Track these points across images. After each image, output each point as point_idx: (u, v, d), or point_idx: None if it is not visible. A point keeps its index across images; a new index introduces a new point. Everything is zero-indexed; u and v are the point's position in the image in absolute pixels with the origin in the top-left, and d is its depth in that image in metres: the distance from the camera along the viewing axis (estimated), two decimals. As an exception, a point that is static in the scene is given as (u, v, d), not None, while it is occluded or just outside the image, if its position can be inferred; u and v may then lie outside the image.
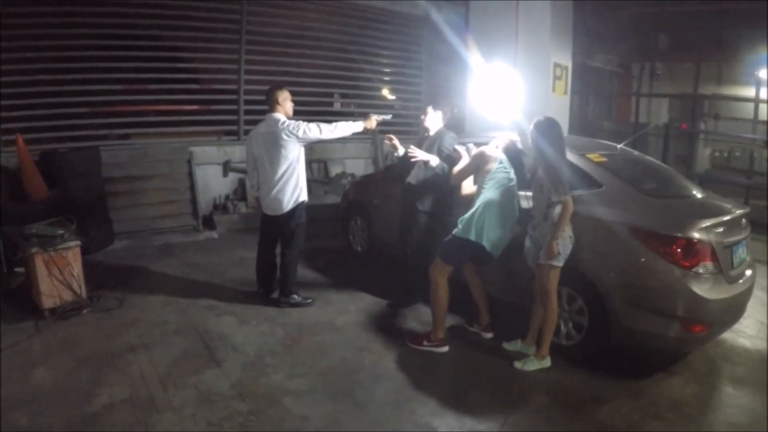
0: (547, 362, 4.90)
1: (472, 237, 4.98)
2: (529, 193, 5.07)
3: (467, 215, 5.07)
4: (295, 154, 5.88)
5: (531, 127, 4.93)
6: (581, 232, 4.85)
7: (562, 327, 5.12)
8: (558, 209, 4.69)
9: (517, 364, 4.90)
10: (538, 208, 4.86)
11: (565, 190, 4.67)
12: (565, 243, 4.71)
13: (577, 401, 4.45)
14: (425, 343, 5.25)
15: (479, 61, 8.55)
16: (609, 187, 5.05)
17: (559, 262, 4.73)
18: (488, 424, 4.12)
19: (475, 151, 5.56)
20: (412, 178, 5.97)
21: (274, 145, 5.81)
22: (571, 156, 5.19)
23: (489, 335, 5.58)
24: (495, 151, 5.29)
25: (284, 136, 5.76)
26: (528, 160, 5.27)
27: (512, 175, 5.20)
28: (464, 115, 9.79)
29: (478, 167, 5.29)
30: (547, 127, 4.87)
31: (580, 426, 4.15)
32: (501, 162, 5.19)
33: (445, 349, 5.23)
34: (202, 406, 4.19)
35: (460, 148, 5.73)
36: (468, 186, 5.56)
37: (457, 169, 5.60)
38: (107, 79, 8.78)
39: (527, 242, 5.01)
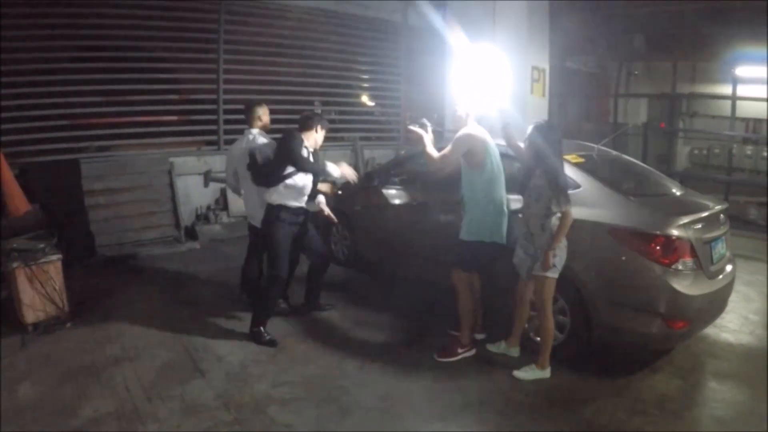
0: (547, 373, 4.79)
1: (487, 238, 5.01)
2: (514, 196, 5.06)
3: (476, 218, 5.03)
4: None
5: (530, 130, 4.71)
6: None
7: (545, 327, 5.14)
8: (555, 219, 4.59)
9: (518, 374, 4.81)
10: (534, 217, 4.70)
11: (567, 200, 4.52)
12: (561, 253, 4.62)
13: (562, 400, 4.48)
14: (460, 350, 5.17)
15: (460, 43, 8.16)
16: (587, 187, 5.07)
17: (555, 274, 4.64)
18: (474, 425, 4.14)
19: (429, 129, 5.32)
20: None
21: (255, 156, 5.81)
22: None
23: (480, 336, 5.55)
24: (479, 130, 5.05)
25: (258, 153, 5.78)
26: (521, 163, 5.12)
27: (496, 156, 5.05)
28: (443, 117, 9.86)
29: (468, 151, 4.99)
30: (549, 132, 4.70)
31: (566, 425, 4.17)
32: (488, 147, 4.99)
33: (474, 351, 5.22)
34: (187, 417, 4.19)
35: (414, 128, 5.31)
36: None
37: (435, 154, 5.14)
38: (86, 91, 8.73)
39: (519, 252, 4.88)
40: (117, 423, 4.11)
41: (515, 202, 5.13)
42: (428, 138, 5.25)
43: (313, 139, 5.63)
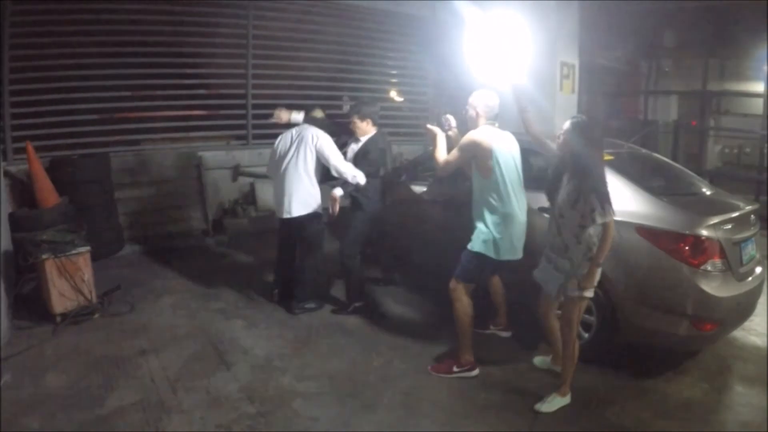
0: (567, 399, 4.35)
1: (494, 255, 4.60)
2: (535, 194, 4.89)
3: (484, 229, 4.61)
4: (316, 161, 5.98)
5: (568, 126, 4.18)
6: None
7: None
8: (593, 230, 4.04)
9: (540, 407, 4.28)
10: (568, 226, 4.14)
11: (612, 209, 4.02)
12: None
13: (587, 400, 4.44)
14: (455, 369, 4.79)
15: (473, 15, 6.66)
16: (615, 185, 4.99)
17: (592, 293, 4.23)
18: (497, 424, 4.12)
19: (453, 125, 5.07)
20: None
21: (302, 146, 5.91)
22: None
23: (506, 334, 5.54)
24: (487, 135, 4.57)
25: (311, 141, 5.90)
26: (546, 160, 4.75)
27: (507, 162, 4.59)
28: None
29: (474, 157, 4.62)
30: (591, 130, 4.16)
31: (589, 425, 4.15)
32: (496, 154, 4.51)
33: (476, 372, 4.80)
34: (212, 409, 4.23)
35: (430, 126, 5.06)
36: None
37: (441, 158, 4.87)
38: (116, 85, 8.81)
39: (546, 266, 4.40)
40: (142, 413, 4.15)
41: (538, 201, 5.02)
42: (441, 138, 4.94)
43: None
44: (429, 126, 5.06)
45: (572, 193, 4.08)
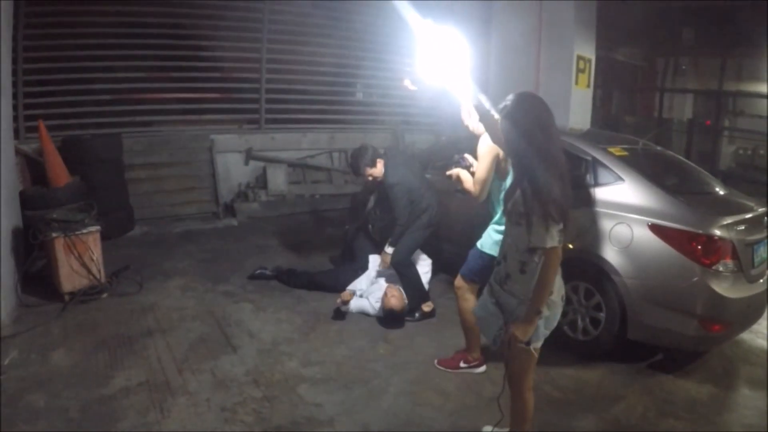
0: None
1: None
2: None
3: (497, 230, 4.25)
4: None
5: (500, 119, 3.06)
6: (601, 227, 4.83)
7: (579, 322, 5.07)
8: (539, 256, 2.94)
9: None
10: (513, 249, 3.08)
11: (559, 231, 2.86)
12: (551, 313, 3.10)
13: (593, 397, 4.43)
14: (462, 364, 4.72)
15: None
16: (630, 181, 4.97)
17: (538, 342, 3.19)
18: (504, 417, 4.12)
19: (471, 161, 4.36)
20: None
21: None
22: (591, 149, 5.13)
23: None
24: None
25: None
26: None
27: None
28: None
29: (496, 158, 4.09)
30: (531, 112, 2.96)
31: (595, 422, 4.13)
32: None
33: (483, 368, 4.74)
34: (217, 391, 4.23)
35: (451, 173, 4.37)
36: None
37: (473, 186, 4.22)
38: (130, 66, 8.83)
39: (486, 301, 3.38)
40: (148, 393, 4.17)
41: None
42: (464, 174, 4.30)
43: None
44: (449, 173, 4.40)
45: (518, 205, 2.99)
